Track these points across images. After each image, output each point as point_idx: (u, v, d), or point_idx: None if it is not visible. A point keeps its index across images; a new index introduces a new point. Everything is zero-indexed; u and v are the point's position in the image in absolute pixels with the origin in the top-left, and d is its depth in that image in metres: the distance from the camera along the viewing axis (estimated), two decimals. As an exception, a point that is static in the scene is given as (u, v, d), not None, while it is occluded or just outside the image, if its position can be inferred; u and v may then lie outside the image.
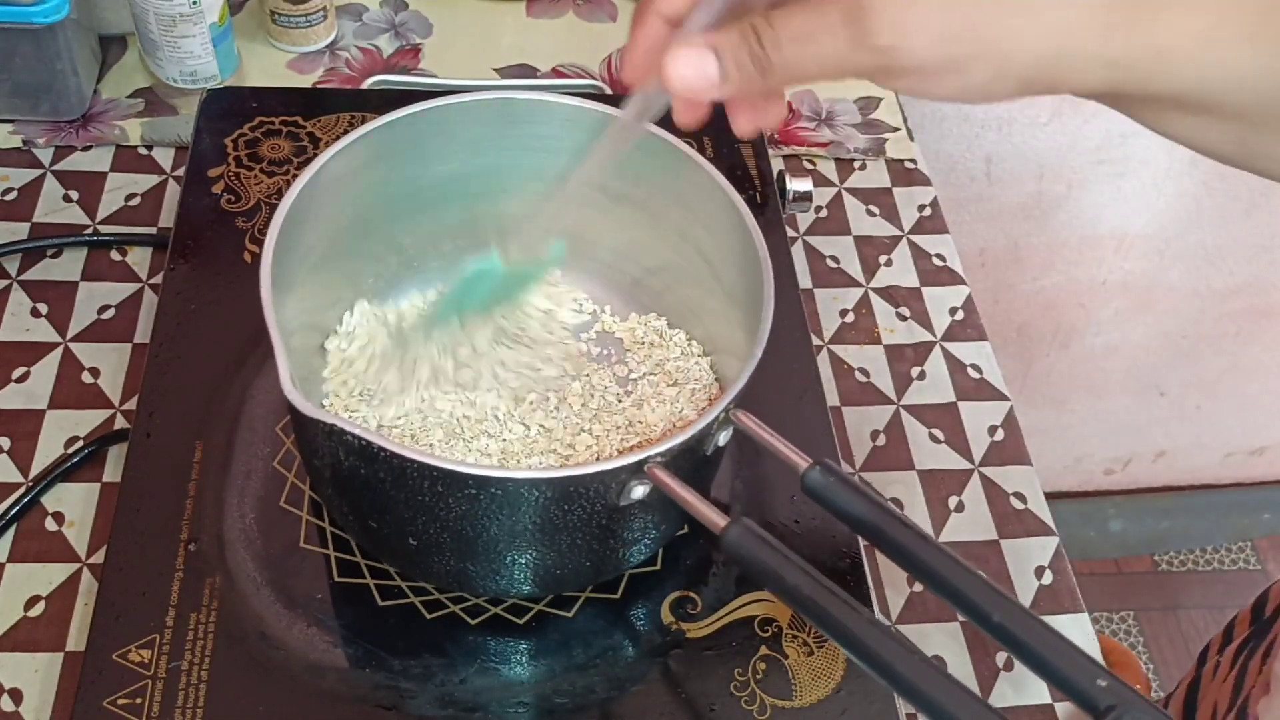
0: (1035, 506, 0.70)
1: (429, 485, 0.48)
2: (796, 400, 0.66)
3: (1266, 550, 1.81)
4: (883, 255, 0.82)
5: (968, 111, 1.19)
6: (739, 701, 0.55)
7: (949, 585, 0.45)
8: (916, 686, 0.42)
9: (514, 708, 0.54)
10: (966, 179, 1.26)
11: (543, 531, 0.50)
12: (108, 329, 0.71)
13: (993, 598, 0.44)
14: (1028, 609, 0.44)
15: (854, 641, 0.44)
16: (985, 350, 0.77)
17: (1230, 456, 1.74)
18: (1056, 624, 0.65)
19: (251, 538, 0.58)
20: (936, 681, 0.42)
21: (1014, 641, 0.44)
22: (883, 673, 0.43)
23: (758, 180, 0.77)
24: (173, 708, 0.52)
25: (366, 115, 0.76)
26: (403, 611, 0.56)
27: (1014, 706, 0.62)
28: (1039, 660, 0.43)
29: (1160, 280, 1.43)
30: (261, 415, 0.62)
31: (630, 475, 0.48)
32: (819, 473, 0.49)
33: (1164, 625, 1.71)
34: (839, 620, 0.44)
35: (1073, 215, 1.33)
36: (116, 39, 0.87)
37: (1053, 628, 0.44)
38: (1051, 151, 1.25)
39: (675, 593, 0.58)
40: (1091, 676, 0.42)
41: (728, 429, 0.52)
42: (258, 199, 0.72)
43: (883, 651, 0.43)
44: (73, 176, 0.79)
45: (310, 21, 0.86)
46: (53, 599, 0.60)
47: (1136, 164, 1.28)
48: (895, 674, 0.43)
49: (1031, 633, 0.44)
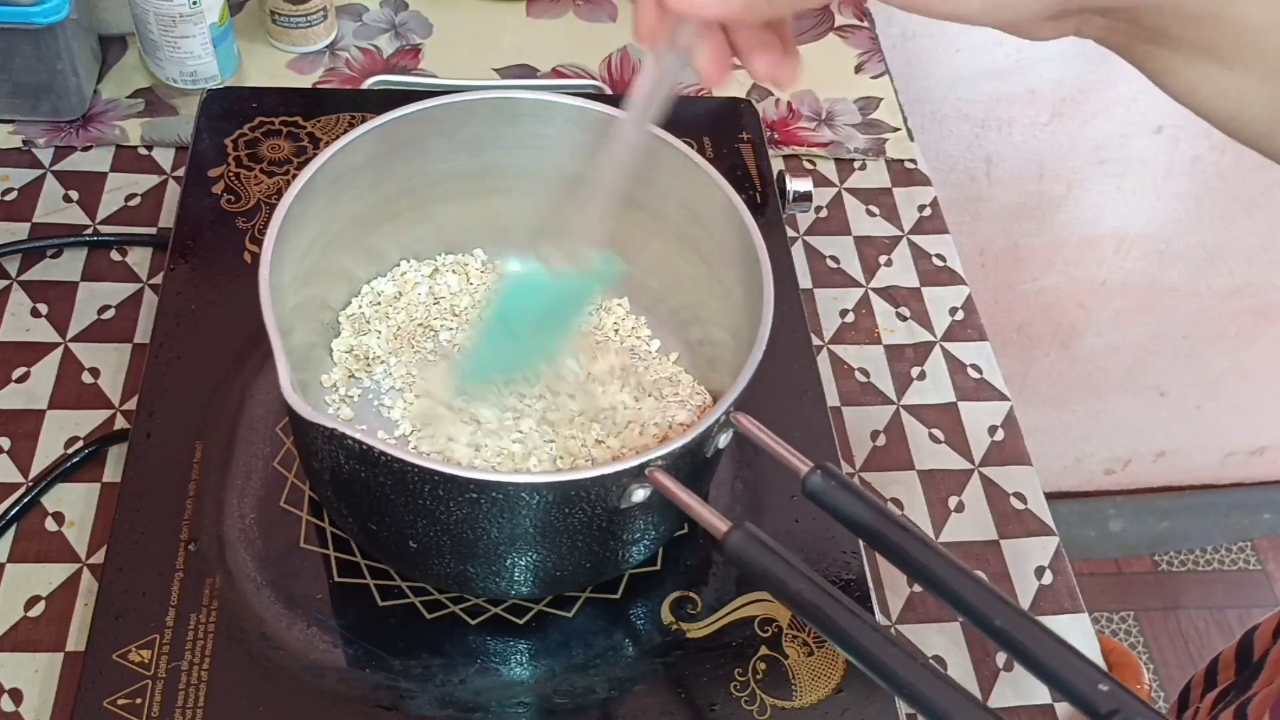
0: (1035, 506, 0.70)
1: (429, 489, 0.48)
2: (796, 400, 0.66)
3: (1266, 550, 1.80)
4: (883, 255, 0.82)
5: (968, 111, 1.19)
6: (739, 701, 0.55)
7: (950, 590, 0.46)
8: (919, 691, 0.42)
9: (514, 708, 0.54)
10: (966, 179, 1.26)
11: (543, 534, 0.50)
12: (108, 329, 0.71)
13: (994, 603, 0.45)
14: (1028, 613, 0.44)
15: (857, 647, 0.44)
16: (985, 350, 0.77)
17: (1230, 456, 1.74)
18: (1056, 624, 0.65)
19: (251, 538, 0.58)
20: (938, 687, 0.42)
21: (1015, 646, 0.44)
22: (885, 678, 0.43)
23: (758, 180, 0.77)
24: (173, 708, 0.52)
25: (366, 115, 0.76)
26: (403, 612, 0.56)
27: (1014, 707, 0.62)
28: (1040, 665, 0.43)
29: (1160, 280, 1.43)
30: (261, 415, 0.62)
31: (631, 479, 0.48)
32: (820, 476, 0.49)
33: (1164, 625, 1.71)
34: (841, 625, 0.44)
35: (1073, 215, 1.33)
36: (116, 39, 0.87)
37: (1054, 632, 0.44)
38: (1051, 151, 1.25)
39: (675, 593, 0.58)
40: (1093, 681, 0.42)
41: (728, 431, 0.52)
42: (258, 199, 0.72)
43: (885, 657, 0.43)
44: (73, 176, 0.79)
45: (310, 22, 0.86)
46: (53, 599, 0.60)
47: (1136, 164, 1.28)
48: (898, 679, 0.43)
49: (1033, 637, 0.44)
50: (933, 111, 1.18)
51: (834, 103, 0.90)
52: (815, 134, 0.88)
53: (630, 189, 0.48)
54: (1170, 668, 1.66)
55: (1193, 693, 0.77)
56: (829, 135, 0.88)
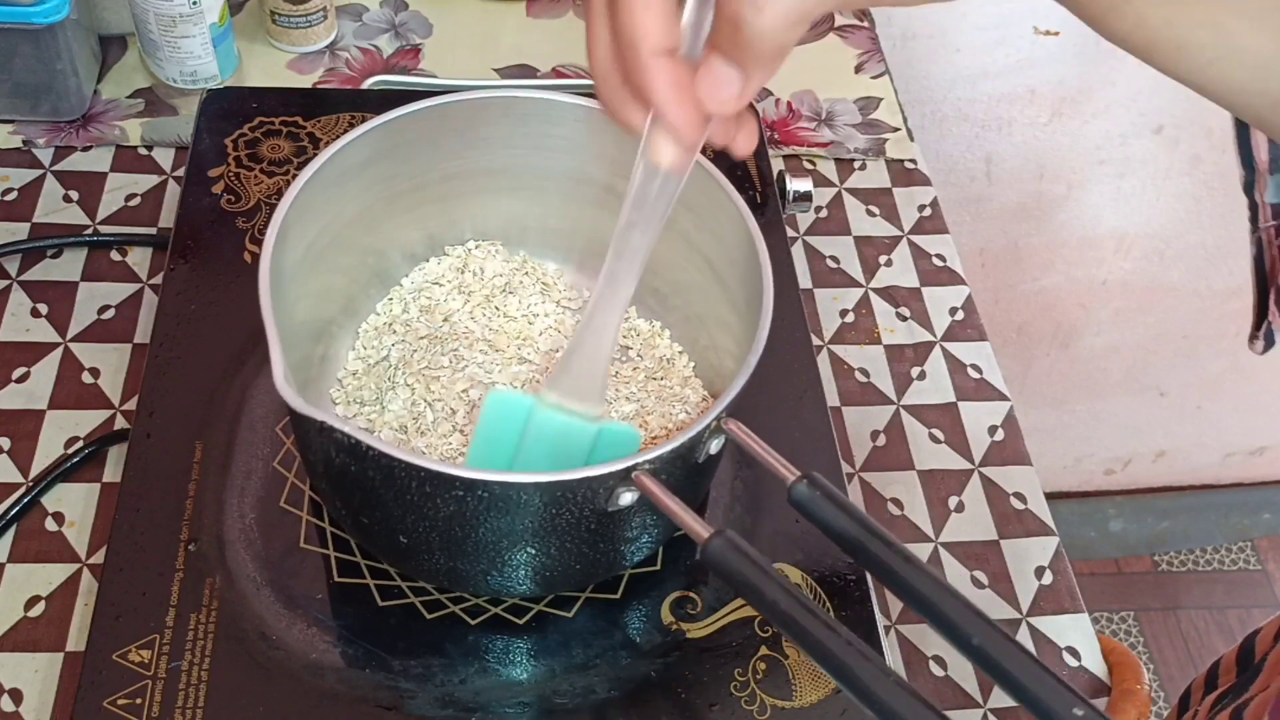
0: (1035, 506, 0.70)
1: (417, 485, 0.48)
2: (796, 400, 0.66)
3: (1266, 550, 1.81)
4: (883, 255, 0.82)
5: (968, 111, 1.19)
6: (739, 701, 0.55)
7: (930, 606, 0.45)
8: (892, 708, 0.41)
9: (514, 708, 0.54)
10: (966, 179, 1.26)
11: (531, 534, 0.50)
12: (108, 329, 0.71)
13: (973, 620, 0.44)
14: (1007, 634, 0.44)
15: (831, 660, 0.43)
16: (985, 350, 0.77)
17: (1230, 456, 1.74)
18: (1056, 624, 0.66)
19: (251, 538, 0.58)
20: (910, 705, 0.41)
21: (992, 665, 0.43)
22: (858, 693, 0.42)
23: (758, 180, 0.77)
24: (173, 708, 0.52)
25: (366, 115, 0.76)
26: (403, 612, 0.56)
27: (1015, 707, 0.62)
28: (1016, 685, 0.42)
29: (1160, 280, 1.43)
30: (261, 415, 0.62)
31: (618, 482, 0.48)
32: (805, 486, 0.48)
33: (1164, 625, 1.71)
34: (815, 637, 0.43)
35: (1073, 215, 1.33)
36: (116, 39, 0.87)
37: (1030, 653, 0.43)
38: (1051, 151, 1.25)
39: (675, 593, 0.58)
40: (1068, 704, 0.41)
41: (719, 437, 0.52)
42: (258, 199, 0.72)
43: (859, 671, 0.42)
44: (73, 177, 0.79)
45: (310, 22, 0.86)
46: (53, 599, 0.60)
47: (1136, 164, 1.28)
48: (871, 695, 0.42)
49: (1010, 657, 0.43)
50: (933, 111, 1.18)
51: (834, 103, 0.90)
52: (815, 134, 0.88)
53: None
54: (1170, 668, 1.66)
55: (1193, 696, 0.77)
56: (829, 135, 0.88)
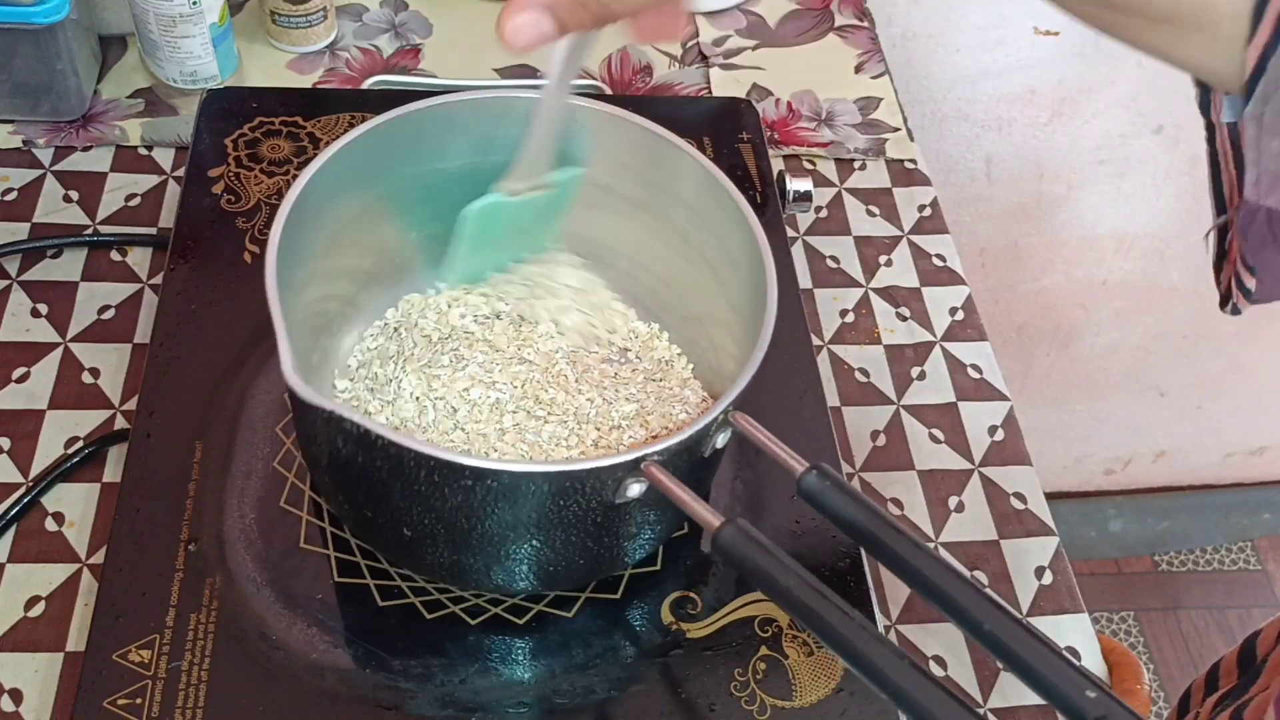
0: (1035, 507, 0.70)
1: (425, 475, 0.48)
2: (796, 400, 0.66)
3: (1266, 550, 1.81)
4: (883, 255, 0.82)
5: (968, 111, 1.19)
6: (739, 701, 0.55)
7: (942, 593, 0.45)
8: (907, 691, 0.42)
9: (514, 708, 0.54)
10: (966, 179, 1.26)
11: (538, 526, 0.50)
12: (108, 329, 0.71)
13: (984, 606, 0.44)
14: (1018, 618, 0.44)
15: (845, 645, 0.43)
16: (985, 350, 0.77)
17: (1230, 456, 1.74)
18: (1056, 624, 0.66)
19: (251, 538, 0.58)
20: (926, 687, 0.42)
21: (1004, 651, 0.44)
22: (873, 677, 0.43)
23: (758, 180, 0.77)
24: (173, 708, 0.52)
25: (366, 115, 0.76)
26: (403, 612, 0.56)
27: (1014, 707, 0.62)
28: (1028, 670, 0.43)
29: (1160, 280, 1.43)
30: (261, 415, 0.62)
31: (627, 472, 0.48)
32: (815, 477, 0.49)
33: (1164, 625, 1.71)
34: (831, 624, 0.44)
35: (1073, 215, 1.33)
36: (116, 39, 0.87)
37: (1044, 636, 0.43)
38: (1051, 151, 1.25)
39: (675, 593, 0.58)
40: (1080, 687, 0.41)
41: (726, 430, 0.52)
42: (258, 199, 0.72)
43: (873, 656, 0.43)
44: (73, 177, 0.79)
45: (310, 22, 0.86)
46: (53, 599, 0.60)
47: (1136, 164, 1.28)
48: (885, 679, 0.42)
49: (1021, 642, 0.43)
50: (933, 111, 1.18)
51: (834, 103, 0.90)
52: (815, 134, 0.88)
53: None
54: (1170, 668, 1.66)
55: (1193, 697, 0.77)
56: (829, 135, 0.88)
